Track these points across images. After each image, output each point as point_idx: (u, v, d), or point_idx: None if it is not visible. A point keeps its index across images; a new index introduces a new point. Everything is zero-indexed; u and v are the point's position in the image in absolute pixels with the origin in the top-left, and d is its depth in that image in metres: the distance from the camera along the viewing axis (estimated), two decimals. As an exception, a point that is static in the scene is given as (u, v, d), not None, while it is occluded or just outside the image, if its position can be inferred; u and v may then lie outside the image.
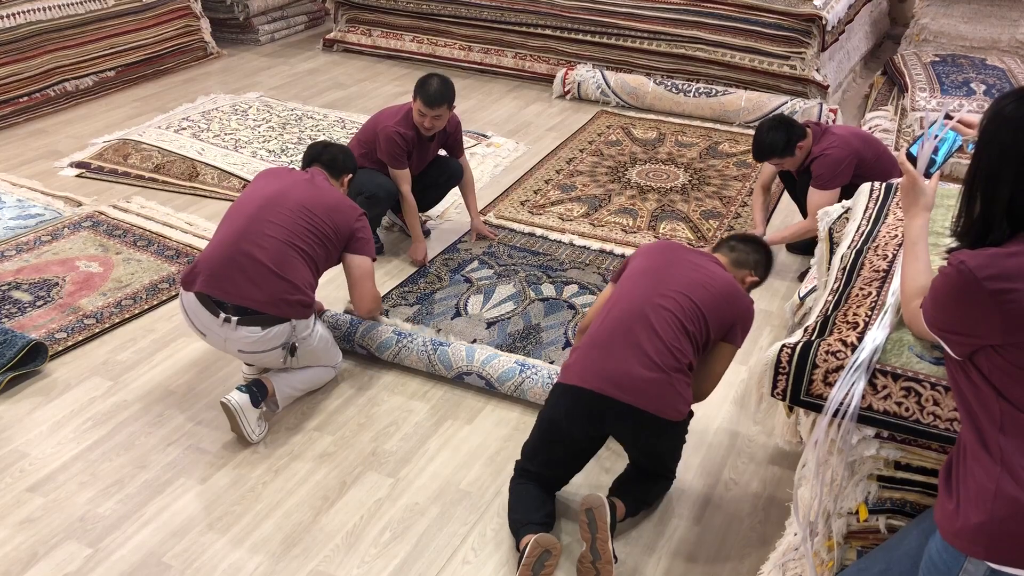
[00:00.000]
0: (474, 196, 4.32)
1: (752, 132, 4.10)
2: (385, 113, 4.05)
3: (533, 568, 2.40)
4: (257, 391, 3.01)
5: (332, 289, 3.86)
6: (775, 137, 3.83)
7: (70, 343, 3.52)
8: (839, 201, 3.33)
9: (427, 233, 4.38)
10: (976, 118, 1.97)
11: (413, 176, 4.08)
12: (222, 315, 2.94)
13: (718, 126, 5.75)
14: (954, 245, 1.70)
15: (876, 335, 2.05)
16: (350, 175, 3.43)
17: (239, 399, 2.96)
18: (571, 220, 4.51)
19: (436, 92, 3.80)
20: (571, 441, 2.59)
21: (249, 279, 2.94)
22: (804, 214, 4.05)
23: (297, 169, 3.36)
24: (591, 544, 2.41)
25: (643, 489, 2.72)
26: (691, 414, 2.65)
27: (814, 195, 3.84)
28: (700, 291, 2.61)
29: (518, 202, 4.71)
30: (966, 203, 1.65)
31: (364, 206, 3.58)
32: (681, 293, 2.59)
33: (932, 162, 2.01)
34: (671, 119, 5.87)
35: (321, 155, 3.37)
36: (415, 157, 4.04)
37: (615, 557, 2.43)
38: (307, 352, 3.12)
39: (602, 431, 2.59)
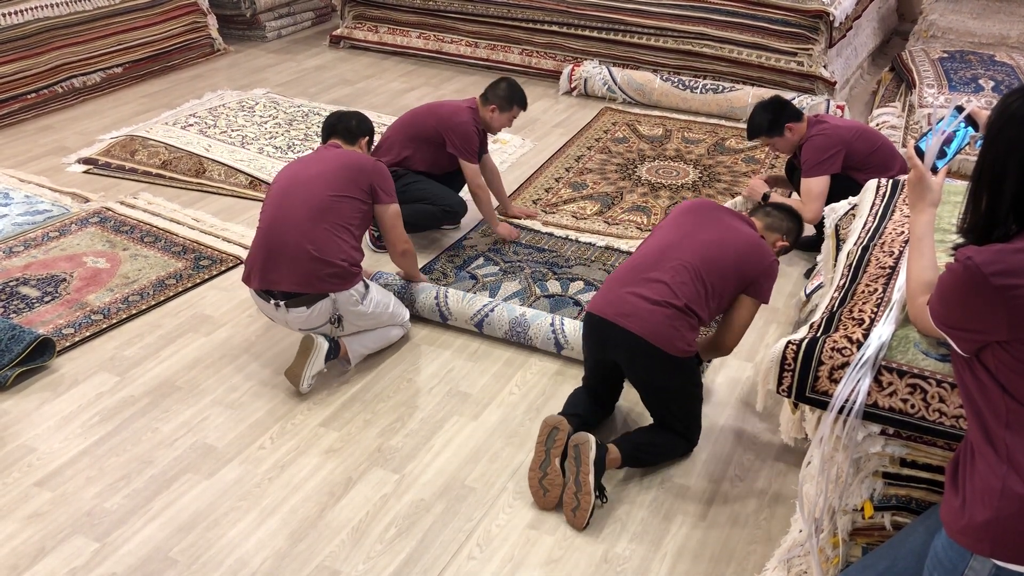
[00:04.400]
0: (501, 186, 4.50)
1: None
2: (444, 110, 4.12)
3: (546, 444, 2.74)
4: (332, 346, 3.25)
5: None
6: (762, 117, 3.94)
7: (77, 339, 3.53)
8: (845, 198, 3.33)
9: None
10: (987, 112, 1.96)
11: (451, 171, 4.20)
12: (272, 301, 3.19)
13: (723, 122, 5.74)
14: (960, 241, 1.69)
15: (882, 332, 2.05)
16: (367, 137, 3.59)
17: (321, 342, 3.20)
18: (585, 218, 4.50)
19: (525, 96, 4.19)
20: (597, 362, 2.92)
21: (285, 266, 3.15)
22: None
23: (305, 155, 3.51)
24: (575, 475, 2.65)
25: (647, 440, 2.86)
26: (699, 362, 2.91)
27: (803, 182, 3.90)
28: (723, 246, 2.83)
29: (530, 200, 4.70)
30: (972, 199, 1.65)
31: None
32: (704, 244, 2.82)
33: (943, 153, 1.99)
34: (676, 115, 5.85)
35: (336, 127, 3.54)
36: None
37: (603, 495, 2.71)
38: (361, 317, 3.31)
39: (608, 355, 2.84)
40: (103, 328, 3.61)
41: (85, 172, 5.02)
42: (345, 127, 3.54)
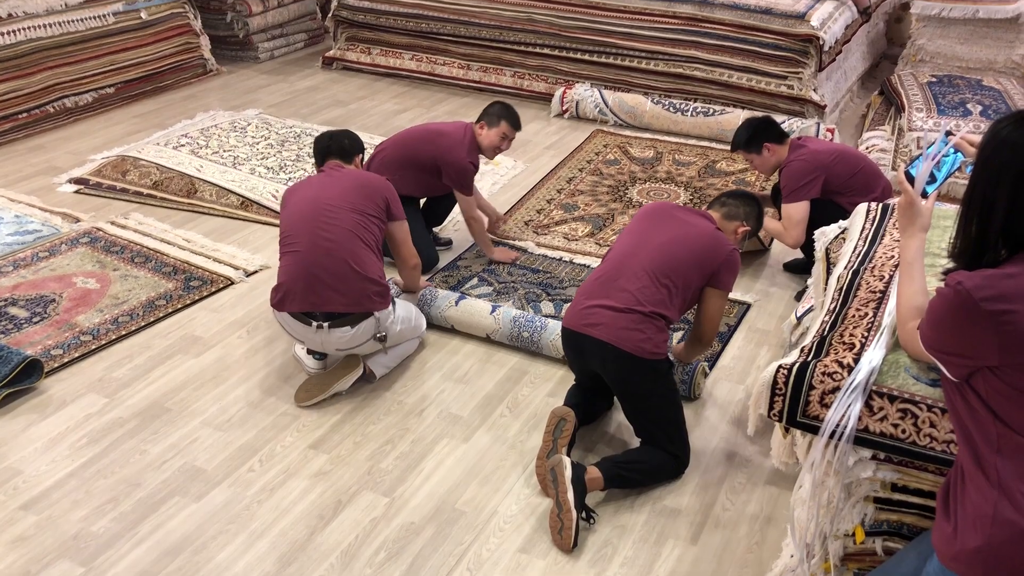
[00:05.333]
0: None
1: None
2: (444, 143, 4.07)
3: (553, 433, 2.85)
4: (363, 373, 3.37)
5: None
6: (743, 132, 4.01)
7: (66, 359, 3.51)
8: (828, 223, 3.34)
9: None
10: (977, 138, 1.98)
11: (440, 196, 4.28)
12: (314, 324, 3.20)
13: (714, 144, 5.76)
14: (951, 266, 1.70)
15: (872, 356, 2.05)
16: (360, 155, 3.66)
17: (359, 368, 3.34)
18: (576, 240, 4.50)
19: (518, 117, 4.20)
20: (579, 370, 3.08)
21: (330, 287, 3.18)
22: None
23: (314, 176, 3.54)
24: (556, 498, 2.69)
25: (630, 459, 2.87)
26: (669, 365, 2.95)
27: (783, 208, 3.94)
28: (679, 244, 2.94)
29: (522, 222, 4.70)
30: (963, 224, 1.66)
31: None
32: (661, 246, 2.94)
33: (933, 178, 2.00)
34: (667, 138, 5.87)
35: (330, 148, 3.58)
36: None
37: (589, 516, 2.74)
38: (393, 335, 3.38)
39: (588, 365, 2.95)
40: (92, 349, 3.59)
41: (76, 192, 5.01)
42: (339, 147, 3.58)
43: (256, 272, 4.20)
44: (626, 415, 2.99)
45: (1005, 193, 1.58)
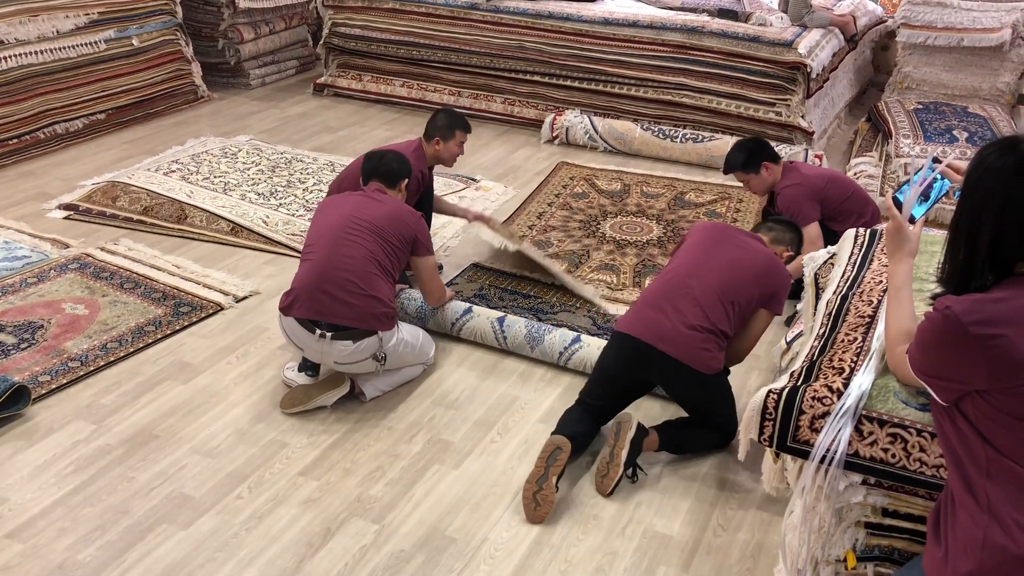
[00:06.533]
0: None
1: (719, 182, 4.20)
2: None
3: (547, 461, 2.89)
4: (350, 391, 3.41)
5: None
6: (739, 153, 4.04)
7: (54, 386, 3.49)
8: (825, 246, 3.37)
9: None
10: (963, 164, 2.00)
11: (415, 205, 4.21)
12: (317, 332, 3.25)
13: (680, 175, 5.67)
14: (939, 291, 1.71)
15: (862, 381, 2.05)
16: (406, 180, 3.71)
17: (346, 385, 3.37)
18: (561, 275, 4.32)
19: (465, 119, 4.18)
20: (618, 378, 3.13)
21: (339, 300, 3.26)
22: None
23: (353, 193, 3.64)
24: (612, 448, 2.93)
25: (687, 431, 3.13)
26: (727, 372, 3.14)
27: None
28: (744, 266, 3.10)
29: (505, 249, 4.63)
30: (950, 249, 1.68)
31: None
32: (724, 267, 3.08)
33: (923, 200, 2.02)
34: (633, 169, 5.79)
35: (378, 170, 3.65)
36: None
37: (635, 475, 3.00)
38: (395, 357, 3.42)
39: (646, 375, 3.12)
40: (80, 375, 3.57)
41: (66, 218, 5.00)
42: (387, 171, 3.65)
43: (246, 298, 4.19)
44: (684, 409, 3.20)
45: (991, 219, 1.59)
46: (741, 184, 4.15)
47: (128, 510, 2.89)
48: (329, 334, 3.25)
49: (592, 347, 3.57)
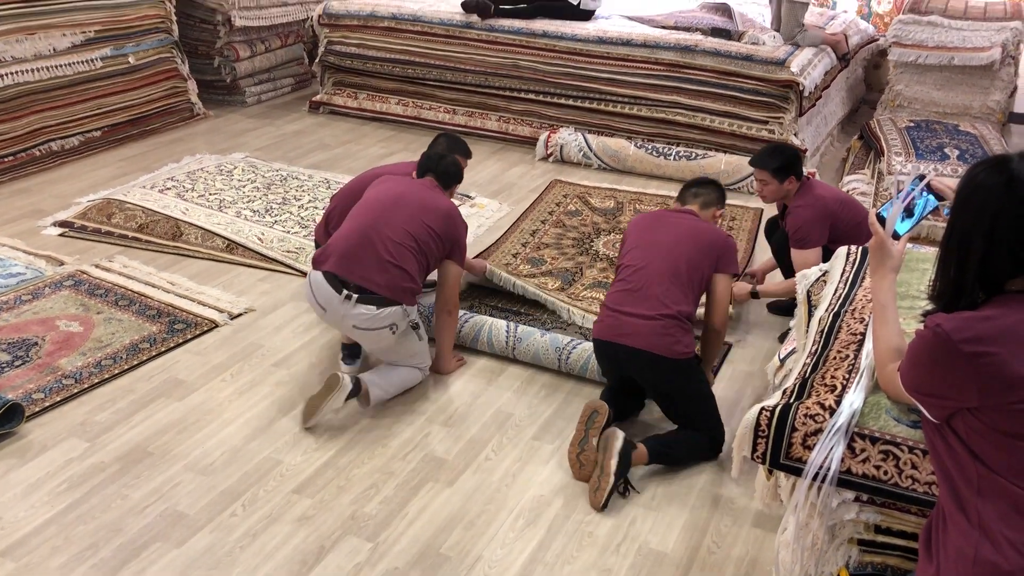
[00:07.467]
0: None
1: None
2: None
3: (586, 424, 3.08)
4: (355, 387, 3.35)
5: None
6: (772, 156, 3.94)
7: (47, 403, 3.48)
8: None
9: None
10: (951, 181, 2.01)
11: None
12: (344, 292, 3.32)
13: (672, 193, 5.51)
14: (930, 308, 1.72)
15: (854, 398, 2.07)
16: (455, 186, 3.85)
17: (347, 382, 3.31)
18: (547, 295, 4.29)
19: (467, 145, 4.18)
20: (612, 377, 3.35)
21: (373, 264, 3.36)
22: (780, 261, 4.14)
23: (414, 177, 3.75)
24: (600, 462, 2.99)
25: (673, 437, 3.20)
26: (697, 359, 3.27)
27: (795, 255, 3.91)
28: (684, 243, 3.28)
29: (500, 264, 4.65)
30: (941, 266, 1.69)
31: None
32: (665, 251, 3.26)
33: (907, 217, 2.03)
34: (627, 187, 5.78)
35: (437, 167, 3.76)
36: None
37: (627, 489, 3.05)
38: (408, 343, 3.50)
39: (622, 371, 3.26)
40: (74, 393, 3.56)
41: (61, 235, 5.01)
42: (444, 171, 3.75)
43: (241, 315, 4.20)
44: (662, 410, 3.31)
45: (981, 236, 1.61)
46: (758, 182, 4.03)
47: (121, 528, 2.88)
48: (356, 296, 3.31)
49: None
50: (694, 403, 3.21)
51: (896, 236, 2.00)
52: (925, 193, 2.07)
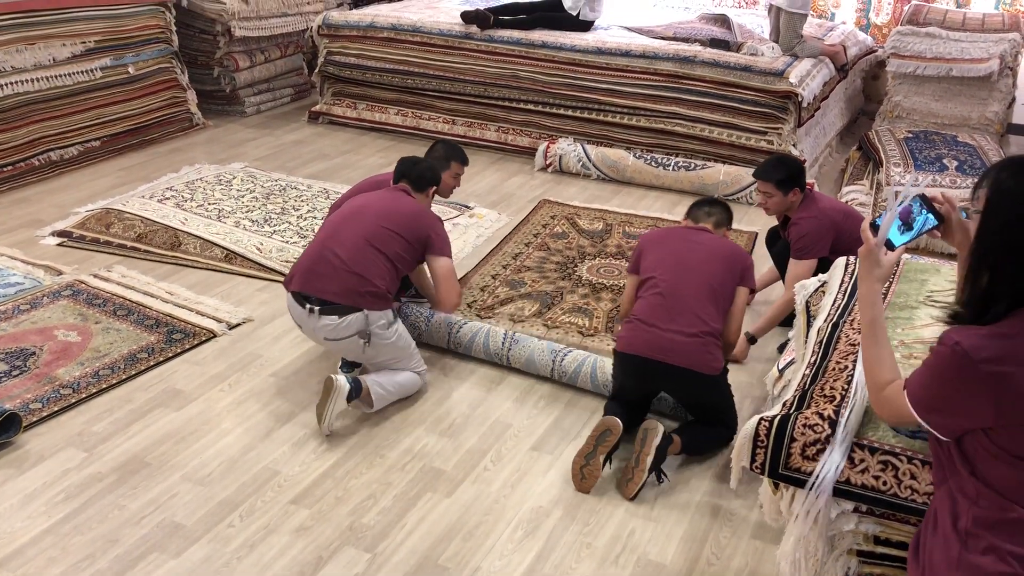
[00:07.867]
0: None
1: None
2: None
3: (596, 440, 3.09)
4: (354, 387, 3.36)
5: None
6: (777, 168, 3.97)
7: (45, 413, 3.47)
8: (816, 273, 3.38)
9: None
10: (952, 194, 2.00)
11: None
12: (307, 306, 3.41)
13: (664, 215, 5.60)
14: (957, 310, 1.67)
15: (852, 409, 2.06)
16: (434, 187, 3.88)
17: (342, 383, 3.31)
18: (523, 320, 4.23)
19: (463, 151, 4.22)
20: (632, 392, 3.34)
21: (327, 275, 3.43)
22: (782, 272, 4.14)
23: (379, 191, 3.80)
24: (637, 454, 3.05)
25: (701, 433, 3.30)
26: (726, 370, 3.32)
27: (791, 265, 3.91)
28: (712, 261, 3.35)
29: (464, 304, 4.35)
30: (973, 274, 1.63)
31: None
32: (698, 268, 3.32)
33: (905, 230, 2.00)
34: (617, 208, 5.68)
35: (410, 172, 3.81)
36: None
37: (660, 477, 3.11)
38: (386, 346, 3.50)
39: (654, 387, 3.36)
40: (72, 403, 3.56)
41: (59, 245, 5.01)
42: (418, 175, 3.79)
43: (239, 325, 4.19)
44: (687, 409, 3.41)
45: (1014, 242, 1.57)
46: (761, 194, 4.02)
47: (119, 539, 2.87)
48: (317, 308, 3.39)
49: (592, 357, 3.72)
50: (722, 407, 3.32)
51: (891, 247, 1.97)
52: (925, 211, 2.04)
